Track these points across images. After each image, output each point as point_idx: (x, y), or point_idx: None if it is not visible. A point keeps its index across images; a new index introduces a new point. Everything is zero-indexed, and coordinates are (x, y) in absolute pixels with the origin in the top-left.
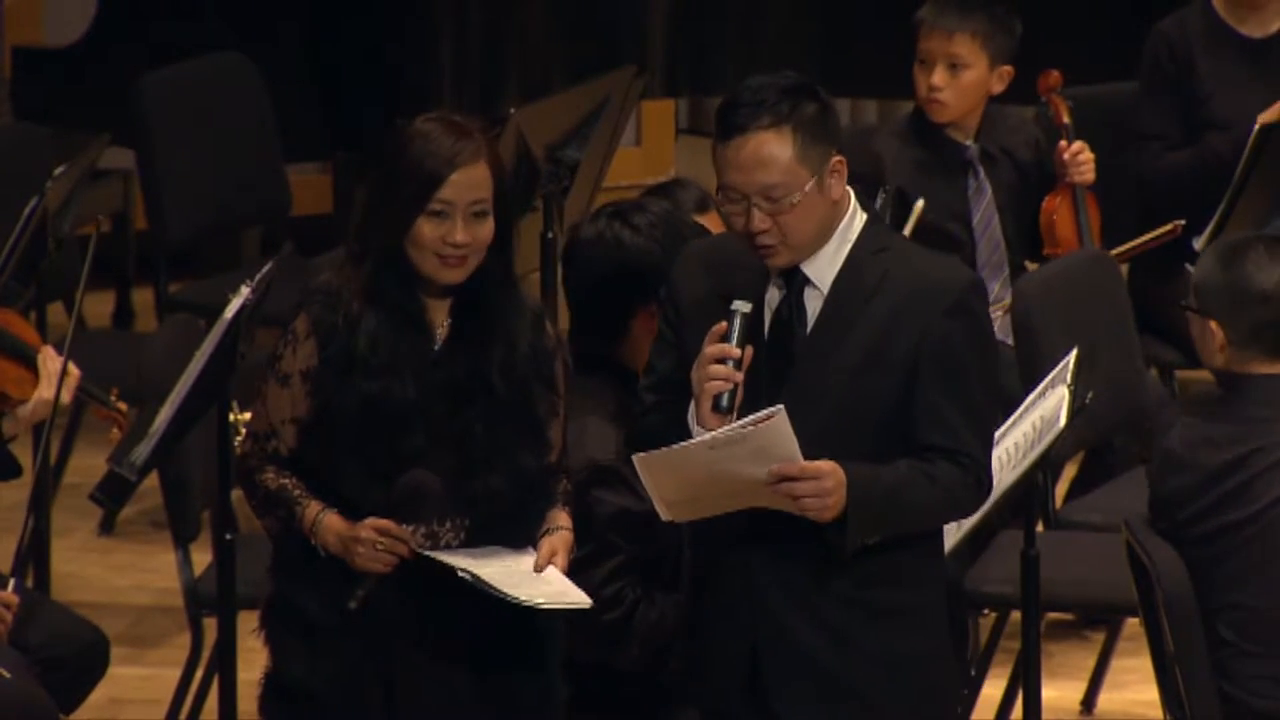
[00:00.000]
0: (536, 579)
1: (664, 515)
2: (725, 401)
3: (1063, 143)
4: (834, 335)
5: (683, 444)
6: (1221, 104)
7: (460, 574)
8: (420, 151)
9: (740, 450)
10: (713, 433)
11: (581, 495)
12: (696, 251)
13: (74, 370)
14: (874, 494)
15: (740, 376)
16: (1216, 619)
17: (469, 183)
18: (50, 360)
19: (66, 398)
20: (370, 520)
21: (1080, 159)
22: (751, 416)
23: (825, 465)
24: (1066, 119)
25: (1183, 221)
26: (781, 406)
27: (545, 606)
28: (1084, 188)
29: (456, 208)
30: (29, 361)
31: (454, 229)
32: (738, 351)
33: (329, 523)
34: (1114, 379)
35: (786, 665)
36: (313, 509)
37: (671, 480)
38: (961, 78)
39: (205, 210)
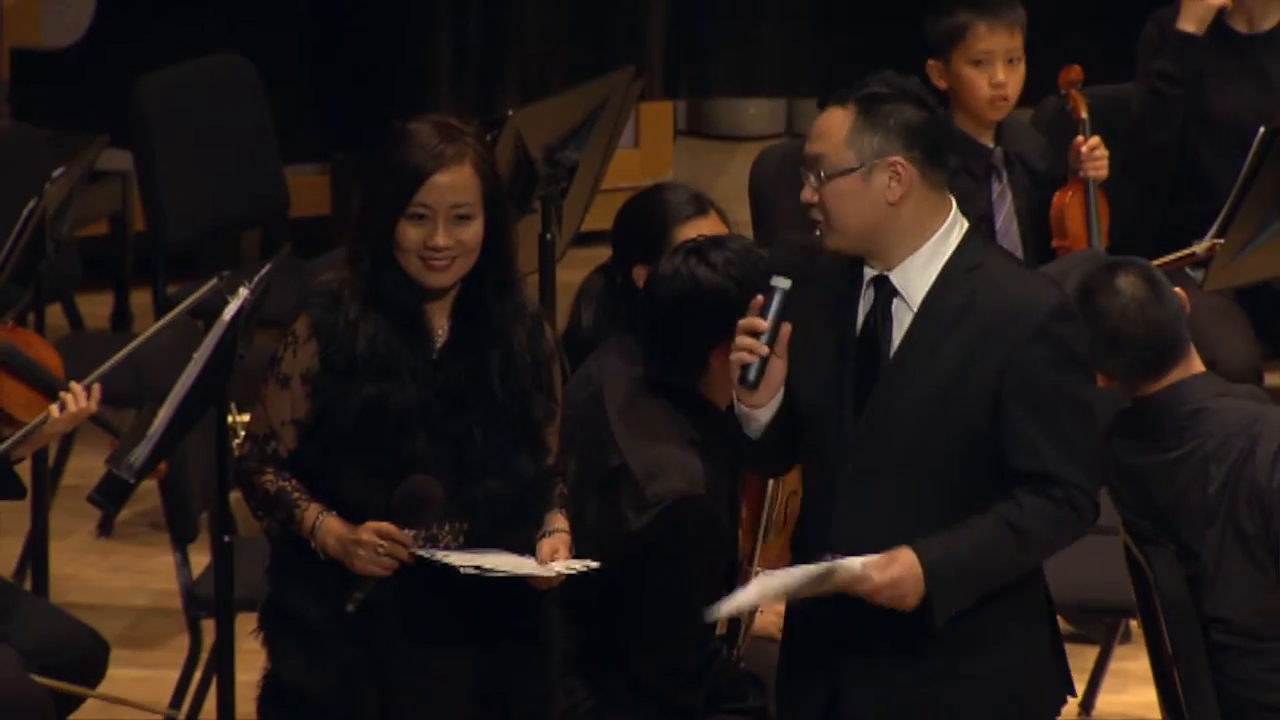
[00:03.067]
0: (541, 567)
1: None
2: (752, 375)
3: (1079, 137)
4: (919, 357)
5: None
6: (1206, 96)
7: (464, 570)
8: (403, 153)
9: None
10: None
11: (665, 524)
12: (791, 256)
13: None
14: (953, 570)
15: (766, 350)
16: (1209, 628)
17: (450, 186)
18: (73, 398)
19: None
20: (371, 524)
21: (1096, 154)
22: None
23: (897, 566)
24: (1084, 114)
25: (1197, 250)
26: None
27: (557, 571)
28: (1096, 183)
29: (436, 211)
30: (42, 386)
31: (434, 232)
32: (765, 324)
33: (329, 525)
34: None
35: (866, 687)
36: (312, 512)
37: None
38: (1018, 71)
39: (203, 212)
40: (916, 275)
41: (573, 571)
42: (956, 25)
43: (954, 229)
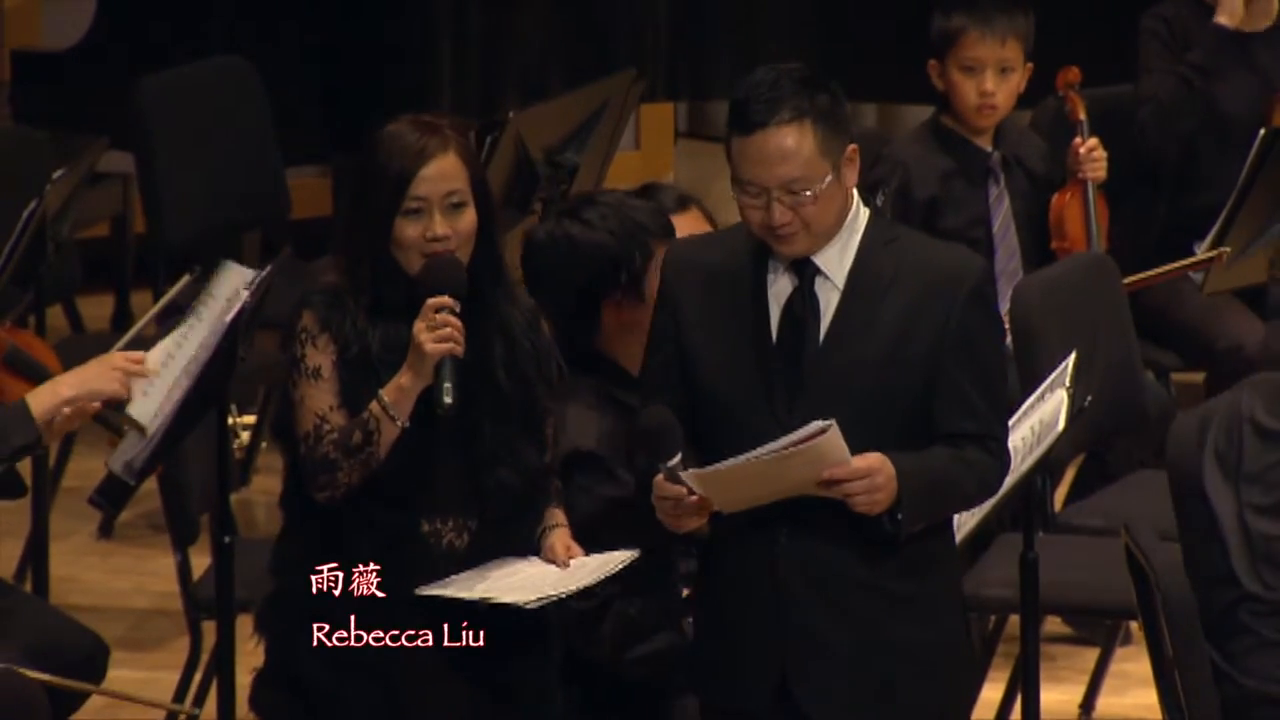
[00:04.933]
0: (566, 573)
1: (720, 510)
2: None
3: (1078, 139)
4: (854, 331)
5: (734, 462)
6: (1208, 95)
7: (528, 606)
8: (387, 152)
9: (794, 463)
10: (764, 451)
11: (563, 481)
12: (682, 252)
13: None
14: (923, 483)
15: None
16: (1239, 605)
17: (439, 175)
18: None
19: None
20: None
21: (1094, 155)
22: (803, 433)
23: (874, 461)
24: (1082, 115)
25: (1200, 256)
26: (833, 421)
27: (601, 578)
28: (1095, 184)
29: (431, 202)
30: (41, 383)
31: (432, 223)
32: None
33: (392, 384)
34: (1112, 382)
35: (814, 661)
36: (374, 405)
37: (723, 490)
38: (1010, 81)
39: (204, 213)
40: (838, 254)
41: (610, 571)
42: (952, 29)
43: (860, 206)
